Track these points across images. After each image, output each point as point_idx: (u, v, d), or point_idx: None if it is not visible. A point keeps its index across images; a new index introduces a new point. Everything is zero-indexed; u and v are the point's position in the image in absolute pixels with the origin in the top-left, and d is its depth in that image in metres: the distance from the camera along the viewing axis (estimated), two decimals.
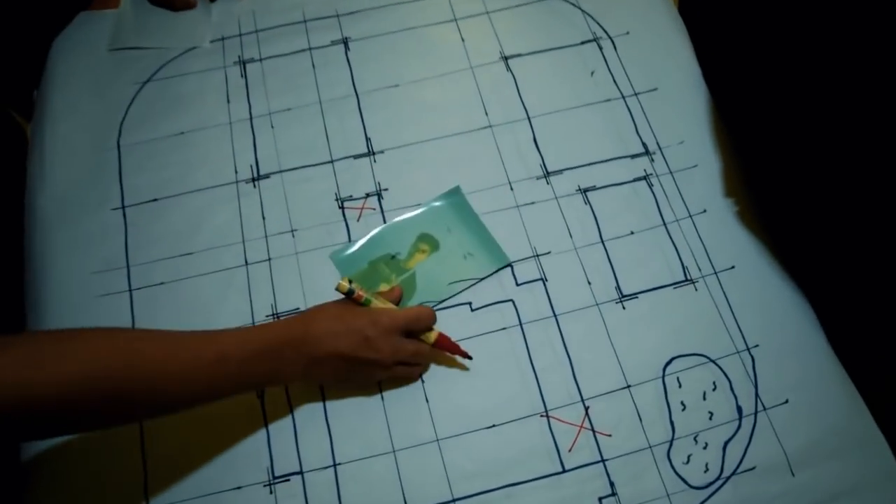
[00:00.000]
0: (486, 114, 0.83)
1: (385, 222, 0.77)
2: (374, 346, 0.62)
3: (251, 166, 0.81)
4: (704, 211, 0.78)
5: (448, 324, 0.72)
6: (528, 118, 0.83)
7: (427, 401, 0.69)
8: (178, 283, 0.75)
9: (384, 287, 0.73)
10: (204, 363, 0.56)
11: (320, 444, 0.67)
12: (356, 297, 0.65)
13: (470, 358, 0.68)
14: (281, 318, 0.64)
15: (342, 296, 0.66)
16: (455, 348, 0.68)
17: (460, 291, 0.73)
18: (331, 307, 0.65)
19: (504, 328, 0.72)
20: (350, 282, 0.65)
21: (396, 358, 0.64)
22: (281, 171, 0.80)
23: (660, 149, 0.82)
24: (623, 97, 0.85)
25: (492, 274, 0.74)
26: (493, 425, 0.68)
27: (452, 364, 0.70)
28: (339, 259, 0.75)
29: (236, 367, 0.58)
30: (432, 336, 0.67)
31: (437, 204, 0.77)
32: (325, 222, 0.77)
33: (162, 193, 0.79)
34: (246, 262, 0.76)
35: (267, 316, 0.73)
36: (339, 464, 0.66)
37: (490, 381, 0.70)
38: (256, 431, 0.68)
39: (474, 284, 0.74)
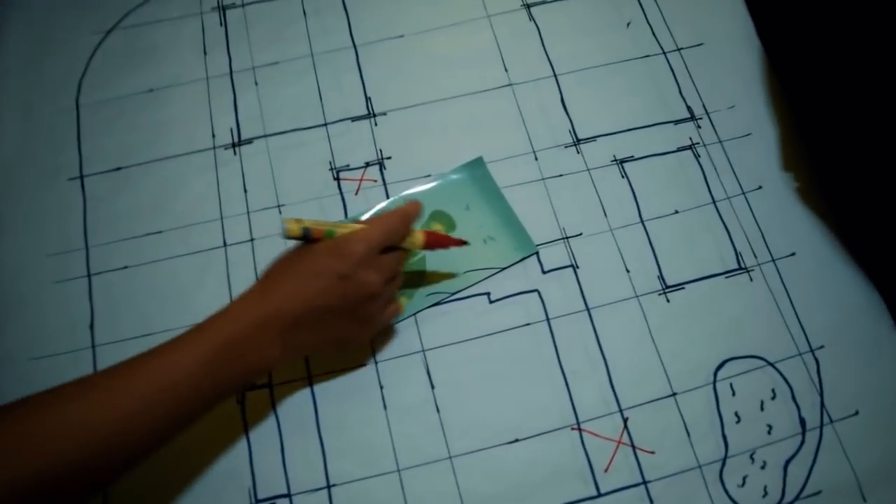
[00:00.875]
0: (506, 70, 0.72)
1: (388, 196, 0.66)
2: (354, 280, 0.50)
3: (231, 130, 0.69)
4: (760, 187, 0.67)
5: (461, 318, 0.61)
6: (555, 75, 0.72)
7: (438, 410, 0.59)
8: (144, 268, 0.64)
9: None
10: (152, 406, 0.45)
11: (311, 460, 0.57)
12: (314, 236, 0.51)
13: (467, 243, 0.58)
14: (233, 300, 0.51)
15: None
16: (449, 240, 0.57)
17: (477, 282, 0.62)
18: (285, 258, 0.52)
19: (528, 324, 0.61)
20: (299, 220, 0.51)
21: (386, 281, 0.53)
22: (266, 136, 0.69)
23: (707, 114, 0.70)
24: (664, 53, 0.73)
25: (515, 263, 0.63)
26: (516, 440, 0.58)
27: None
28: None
29: (193, 390, 0.47)
30: (418, 239, 0.55)
31: (455, 177, 0.66)
32: (318, 196, 0.66)
33: (127, 161, 0.68)
34: (224, 242, 0.64)
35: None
36: (334, 485, 0.56)
37: (512, 388, 0.59)
38: (235, 445, 0.58)
39: (494, 274, 0.63)
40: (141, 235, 0.65)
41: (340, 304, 0.51)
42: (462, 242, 0.58)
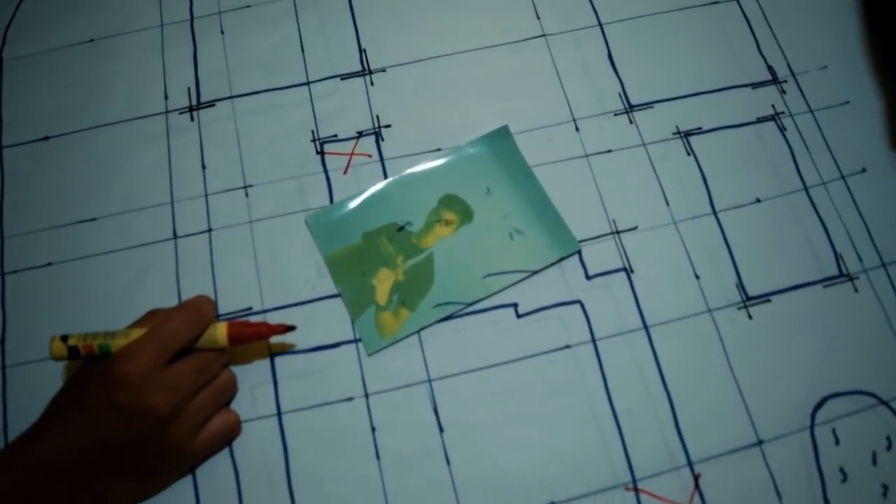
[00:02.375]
0: (538, 17, 0.58)
1: (386, 176, 0.52)
2: (132, 409, 0.40)
3: (189, 89, 0.55)
4: (863, 170, 0.53)
5: (479, 337, 0.47)
6: (600, 24, 0.57)
7: (448, 462, 0.45)
8: (73, 265, 0.50)
9: (385, 274, 0.48)
10: None
11: None
12: (84, 354, 0.42)
13: (292, 329, 0.45)
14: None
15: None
16: (264, 331, 0.44)
17: (500, 290, 0.48)
18: (63, 389, 0.43)
19: (568, 346, 0.47)
20: (65, 338, 0.42)
21: (181, 400, 0.41)
22: (232, 97, 0.55)
23: (793, 75, 0.56)
24: None
25: (551, 265, 0.49)
26: (552, 503, 0.43)
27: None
28: (320, 225, 0.50)
29: None
30: (220, 333, 0.44)
31: (472, 151, 0.52)
32: (296, 174, 0.52)
33: (57, 128, 0.55)
34: (175, 233, 0.51)
35: None
36: None
37: (546, 433, 0.46)
38: (179, 501, 0.44)
39: (523, 280, 0.48)
40: (70, 223, 0.52)
41: (128, 437, 0.41)
42: (287, 329, 0.45)
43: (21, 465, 0.40)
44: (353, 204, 0.51)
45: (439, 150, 0.53)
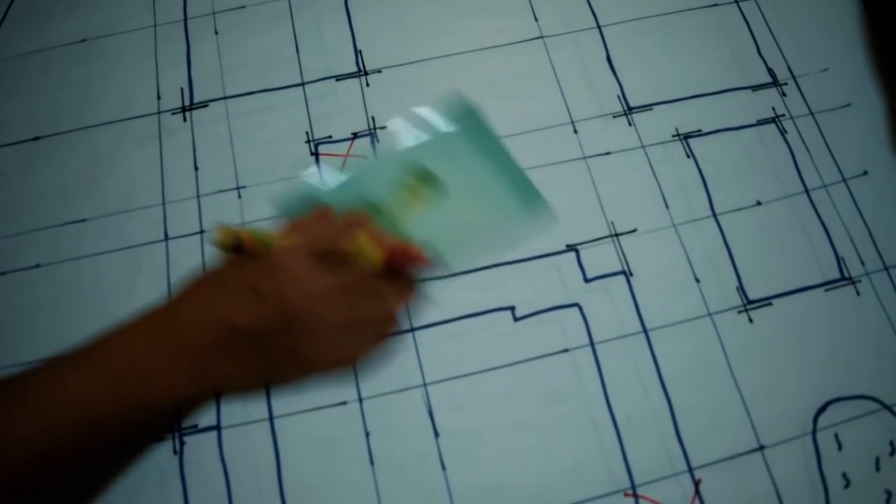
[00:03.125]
0: (536, 18, 0.57)
1: None
2: (277, 300, 0.40)
3: (182, 90, 0.54)
4: (865, 173, 0.52)
5: (475, 341, 0.46)
6: (598, 26, 0.56)
7: (443, 468, 0.43)
8: (62, 267, 0.49)
9: None
10: (29, 453, 0.35)
11: None
12: (247, 248, 0.41)
13: (429, 265, 0.45)
14: (132, 317, 0.41)
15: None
16: (411, 258, 0.44)
17: (478, 259, 0.49)
18: (209, 272, 0.43)
19: (566, 350, 0.46)
20: (230, 228, 0.41)
21: (316, 303, 0.41)
22: (225, 98, 0.54)
23: (793, 78, 0.55)
24: (736, 0, 0.58)
25: (528, 232, 0.49)
26: None
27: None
28: (288, 205, 0.50)
29: (79, 425, 0.37)
30: (376, 252, 0.43)
31: (441, 128, 0.52)
32: (291, 175, 0.51)
33: (47, 129, 0.54)
34: (166, 235, 0.49)
35: None
36: None
37: (544, 438, 0.44)
38: None
39: (501, 251, 0.49)
40: (60, 224, 0.50)
41: (259, 325, 0.40)
42: (426, 264, 0.45)
43: (152, 336, 0.40)
44: (324, 189, 0.50)
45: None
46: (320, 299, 0.41)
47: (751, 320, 0.47)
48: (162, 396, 0.40)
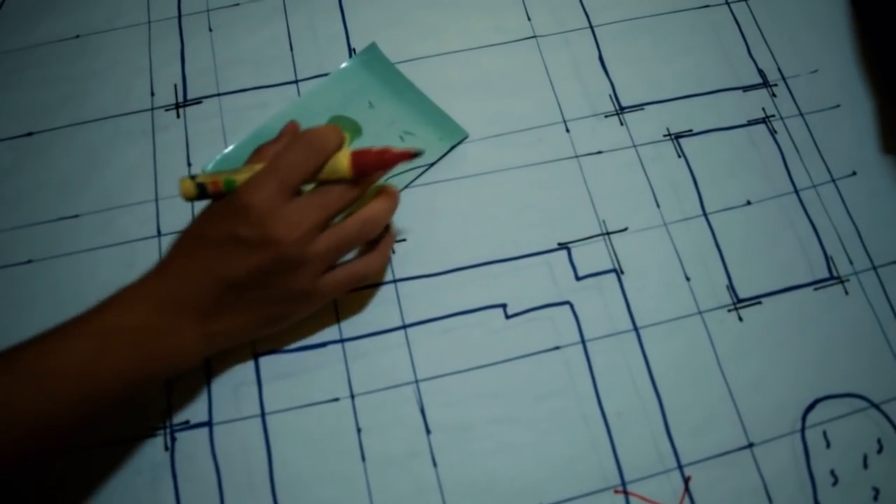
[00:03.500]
0: (529, 18, 0.57)
1: None
2: (258, 243, 0.39)
3: (175, 86, 0.54)
4: (853, 173, 0.52)
5: (467, 338, 0.46)
6: (591, 26, 0.57)
7: (435, 464, 0.44)
8: (54, 262, 0.49)
9: None
10: (29, 419, 0.35)
11: None
12: (212, 192, 0.40)
13: (419, 154, 0.41)
14: (129, 284, 0.40)
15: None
16: (389, 158, 0.40)
17: (404, 188, 0.50)
18: (188, 228, 0.42)
19: (557, 347, 0.46)
20: (194, 177, 0.40)
21: (305, 234, 0.39)
22: (219, 95, 0.54)
23: (783, 79, 0.55)
24: (727, 2, 0.59)
25: (445, 154, 0.51)
26: None
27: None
28: (217, 170, 0.49)
29: (81, 395, 0.37)
30: (342, 164, 0.40)
31: (345, 71, 0.54)
32: None
33: (41, 124, 0.53)
34: (159, 231, 0.50)
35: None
36: None
37: (534, 434, 0.45)
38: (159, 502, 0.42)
39: (423, 174, 0.51)
40: (52, 220, 0.50)
41: (250, 274, 0.39)
42: (410, 155, 0.41)
43: (151, 299, 0.39)
44: (244, 144, 0.51)
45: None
46: (306, 229, 0.39)
47: (740, 318, 0.48)
48: (174, 358, 0.40)
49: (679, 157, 0.52)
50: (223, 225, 0.39)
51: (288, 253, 0.39)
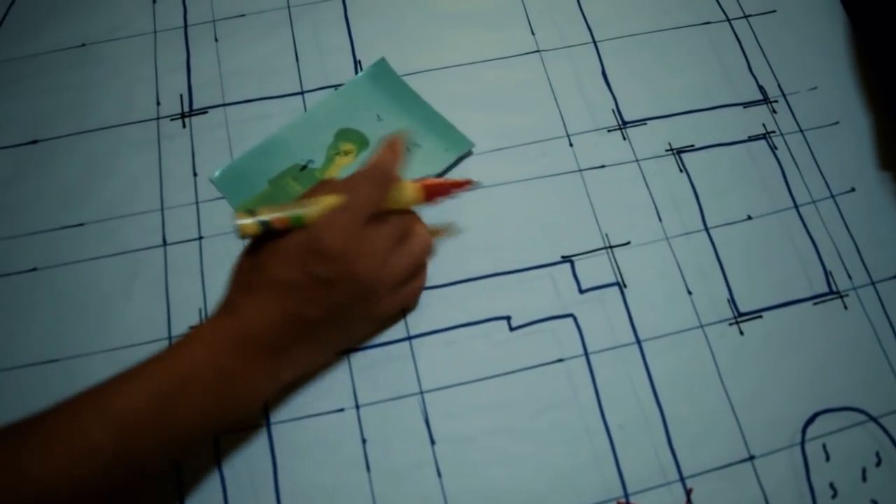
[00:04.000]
0: (533, 33, 0.57)
1: None
2: (341, 282, 0.40)
3: (181, 96, 0.54)
4: (852, 189, 0.53)
5: (471, 350, 0.47)
6: (594, 42, 0.57)
7: (439, 474, 0.44)
8: (57, 271, 0.49)
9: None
10: (107, 456, 0.35)
11: None
12: (277, 227, 0.39)
13: (470, 184, 0.46)
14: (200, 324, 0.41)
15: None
16: (450, 186, 0.45)
17: None
18: (251, 261, 0.41)
19: (560, 359, 0.47)
20: (251, 212, 0.39)
21: (384, 264, 0.41)
22: (224, 105, 0.54)
23: (784, 96, 0.56)
24: (728, 20, 0.59)
25: (452, 166, 0.52)
26: None
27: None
28: (226, 183, 0.51)
29: (156, 438, 0.37)
30: (411, 195, 0.44)
31: (353, 85, 0.54)
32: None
33: (45, 132, 0.54)
34: (164, 240, 0.50)
35: (191, 327, 0.47)
36: None
37: (537, 446, 0.45)
38: None
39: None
40: (56, 228, 0.50)
41: (329, 312, 0.40)
42: (467, 183, 0.45)
43: (226, 340, 0.39)
44: (252, 155, 0.52)
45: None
46: (386, 262, 0.41)
47: (741, 332, 0.48)
48: (249, 399, 0.40)
49: (681, 171, 0.53)
50: (304, 266, 0.39)
51: (368, 284, 0.40)
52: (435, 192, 0.44)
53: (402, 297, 0.45)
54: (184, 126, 0.53)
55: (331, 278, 0.39)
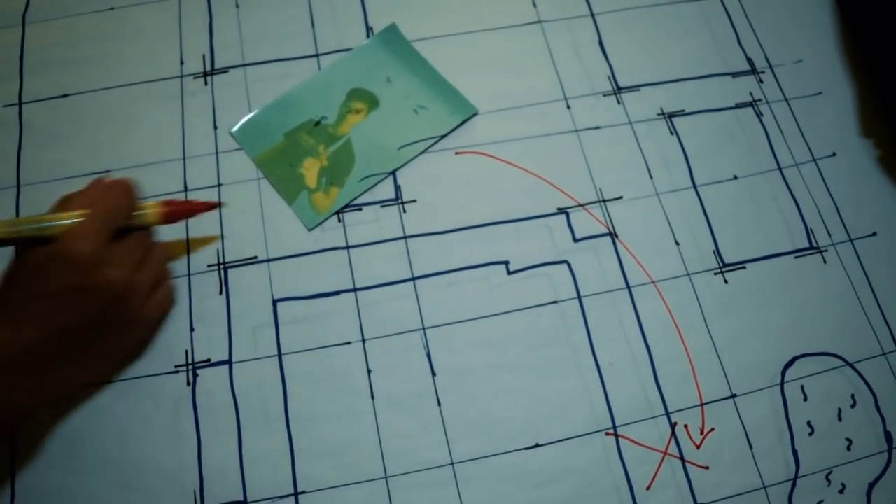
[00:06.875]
0: (534, 4, 0.61)
1: None
2: (92, 289, 0.40)
3: (204, 56, 0.58)
4: (833, 154, 0.56)
5: (471, 290, 0.50)
6: (592, 14, 0.61)
7: (439, 403, 0.47)
8: None
9: (311, 162, 0.53)
10: None
11: (276, 461, 0.45)
12: (13, 240, 0.41)
13: (219, 205, 0.49)
14: None
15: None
16: (195, 207, 0.47)
17: (416, 155, 0.54)
18: (10, 285, 0.41)
19: (554, 301, 0.50)
20: None
21: (132, 272, 0.42)
22: (244, 65, 0.57)
23: (770, 67, 0.59)
24: None
25: (456, 128, 0.55)
26: (536, 445, 0.46)
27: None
28: (245, 135, 0.55)
29: None
30: (152, 213, 0.45)
31: (365, 48, 0.58)
32: None
33: (76, 87, 0.57)
34: (186, 187, 0.53)
35: (210, 266, 0.50)
36: (303, 492, 0.45)
37: (532, 380, 0.48)
38: (180, 435, 0.46)
39: (435, 144, 0.55)
40: (85, 174, 0.53)
41: (88, 320, 0.41)
42: (214, 205, 0.48)
43: None
44: (269, 111, 0.55)
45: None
46: (132, 265, 0.42)
47: (726, 281, 0.51)
48: (10, 413, 0.40)
49: (671, 134, 0.56)
50: (56, 278, 0.39)
51: (120, 292, 0.41)
52: (178, 212, 0.46)
53: (160, 298, 0.46)
54: (206, 84, 0.56)
55: (84, 285, 0.40)
